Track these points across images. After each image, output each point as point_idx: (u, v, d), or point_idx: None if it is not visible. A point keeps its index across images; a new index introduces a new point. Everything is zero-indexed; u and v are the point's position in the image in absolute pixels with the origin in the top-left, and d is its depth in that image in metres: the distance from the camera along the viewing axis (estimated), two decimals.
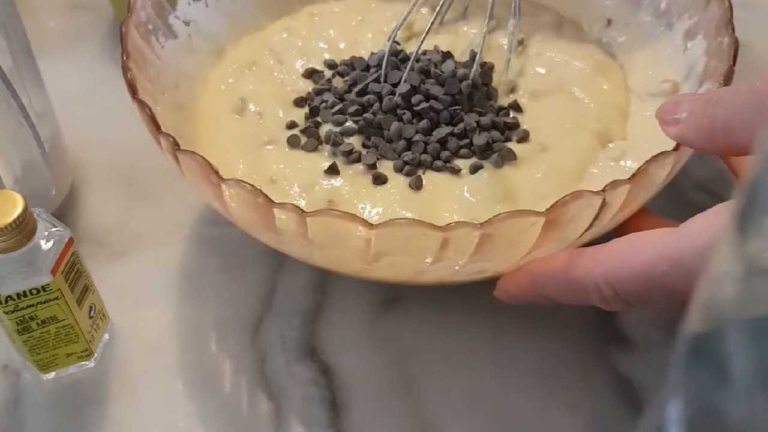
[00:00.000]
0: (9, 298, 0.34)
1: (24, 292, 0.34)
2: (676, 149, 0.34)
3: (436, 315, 0.41)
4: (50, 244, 0.35)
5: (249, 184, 0.33)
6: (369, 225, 0.32)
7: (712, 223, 0.30)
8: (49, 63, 0.45)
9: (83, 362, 0.39)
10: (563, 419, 0.37)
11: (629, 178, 0.33)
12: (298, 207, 0.32)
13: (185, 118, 0.42)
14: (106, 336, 0.40)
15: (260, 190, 0.33)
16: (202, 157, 0.34)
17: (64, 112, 0.45)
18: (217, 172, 0.33)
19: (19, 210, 0.33)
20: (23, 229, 0.33)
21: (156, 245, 0.44)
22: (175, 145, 0.35)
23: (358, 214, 0.33)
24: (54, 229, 0.35)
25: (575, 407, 0.37)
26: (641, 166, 0.33)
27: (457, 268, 0.34)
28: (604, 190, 0.32)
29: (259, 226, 0.35)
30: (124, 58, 0.39)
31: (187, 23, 0.45)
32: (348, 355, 0.40)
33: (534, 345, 0.40)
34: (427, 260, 0.33)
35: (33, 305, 0.35)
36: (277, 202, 0.32)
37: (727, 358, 0.14)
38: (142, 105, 0.36)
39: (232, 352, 0.40)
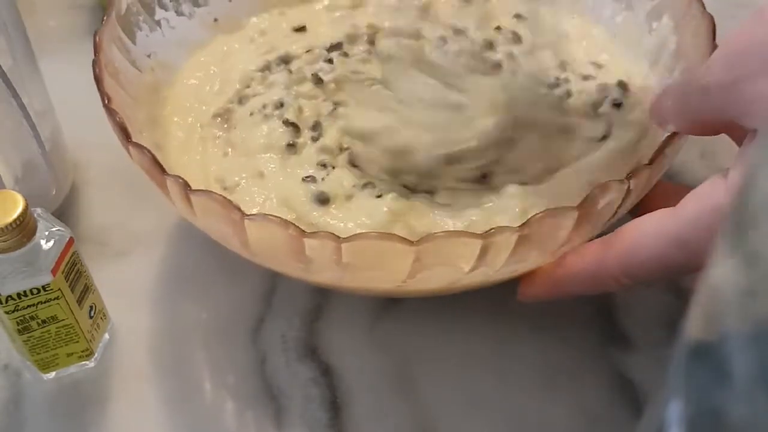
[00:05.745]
0: (9, 298, 0.34)
1: (24, 291, 0.34)
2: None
3: (437, 315, 0.41)
4: (51, 243, 0.35)
5: (276, 216, 0.32)
6: (409, 242, 0.31)
7: (706, 203, 0.32)
8: (49, 62, 0.45)
9: (84, 362, 0.39)
10: (563, 419, 0.37)
11: (648, 163, 0.33)
12: (332, 234, 0.32)
13: (164, 159, 0.40)
14: (107, 336, 0.40)
15: (290, 221, 0.32)
16: (220, 195, 0.33)
17: (64, 112, 0.45)
18: (239, 208, 0.32)
19: (19, 210, 0.33)
20: (23, 228, 0.33)
21: (156, 245, 0.44)
22: (187, 187, 0.33)
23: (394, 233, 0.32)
24: (54, 229, 0.35)
25: (575, 407, 0.37)
26: (657, 150, 0.34)
27: (492, 273, 0.34)
28: (628, 178, 0.33)
29: (284, 257, 0.34)
30: (106, 102, 0.37)
31: (149, 56, 0.43)
32: (348, 355, 0.40)
33: (534, 345, 0.40)
34: (465, 269, 0.33)
35: (33, 305, 0.35)
36: (308, 231, 0.32)
37: (728, 358, 0.14)
38: (141, 148, 0.35)
39: (233, 352, 0.40)
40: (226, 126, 0.43)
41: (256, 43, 0.47)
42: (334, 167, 0.40)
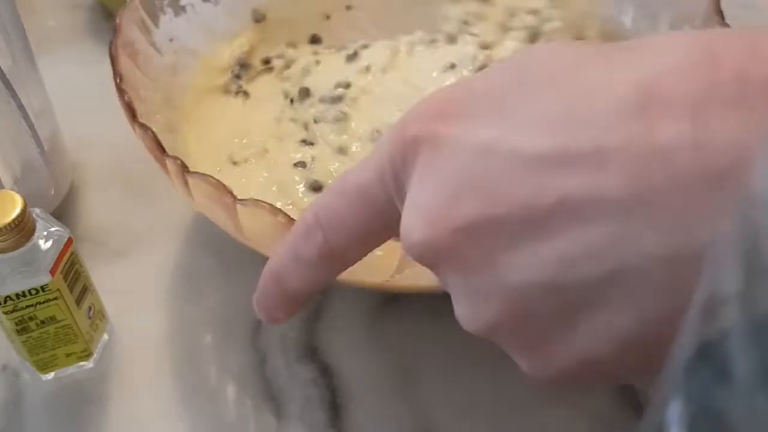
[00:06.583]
0: (8, 298, 0.34)
1: (23, 292, 0.34)
2: None
3: (436, 315, 0.41)
4: (49, 244, 0.35)
5: (266, 203, 0.32)
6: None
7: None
8: (48, 62, 0.45)
9: (82, 362, 0.39)
10: (563, 420, 0.37)
11: None
12: None
13: (178, 139, 0.42)
14: (105, 336, 0.40)
15: (279, 208, 0.32)
16: (215, 179, 0.33)
17: (63, 112, 0.45)
18: (231, 193, 0.33)
19: (18, 210, 0.33)
20: (22, 228, 0.33)
21: (155, 245, 0.44)
22: (184, 168, 0.34)
23: None
24: (53, 229, 0.35)
25: (576, 408, 0.37)
26: None
27: None
28: None
29: (275, 243, 0.34)
30: (118, 81, 0.38)
31: (171, 40, 0.44)
32: (348, 355, 0.40)
33: None
34: None
35: (32, 305, 0.35)
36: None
37: (729, 357, 0.14)
38: (144, 128, 0.35)
39: (232, 352, 0.40)
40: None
41: None
42: (313, 143, 0.42)
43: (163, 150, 0.35)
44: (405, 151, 0.24)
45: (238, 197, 0.33)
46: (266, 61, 0.47)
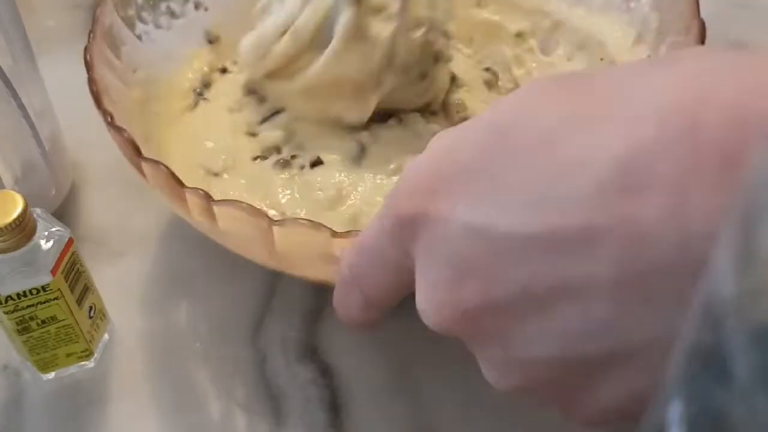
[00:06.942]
0: (9, 298, 0.34)
1: (24, 292, 0.34)
2: None
3: None
4: (50, 243, 0.35)
5: (305, 219, 0.32)
6: None
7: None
8: (48, 62, 0.45)
9: (83, 362, 0.39)
10: (563, 420, 0.37)
11: None
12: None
13: None
14: (106, 336, 0.40)
15: (320, 223, 0.32)
16: (245, 203, 0.32)
17: (64, 112, 0.45)
18: (266, 215, 0.32)
19: (19, 210, 0.33)
20: (23, 228, 0.33)
21: (156, 245, 0.44)
22: (208, 198, 0.33)
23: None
24: (54, 229, 0.35)
25: None
26: None
27: None
28: None
29: (313, 260, 0.34)
30: (109, 120, 0.37)
31: (134, 71, 0.43)
32: (348, 356, 0.40)
33: None
34: None
35: (33, 305, 0.35)
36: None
37: (728, 358, 0.14)
38: (156, 165, 0.34)
39: (232, 353, 0.40)
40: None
41: None
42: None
43: (182, 184, 0.34)
44: (405, 231, 0.26)
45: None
46: (223, 70, 0.47)
